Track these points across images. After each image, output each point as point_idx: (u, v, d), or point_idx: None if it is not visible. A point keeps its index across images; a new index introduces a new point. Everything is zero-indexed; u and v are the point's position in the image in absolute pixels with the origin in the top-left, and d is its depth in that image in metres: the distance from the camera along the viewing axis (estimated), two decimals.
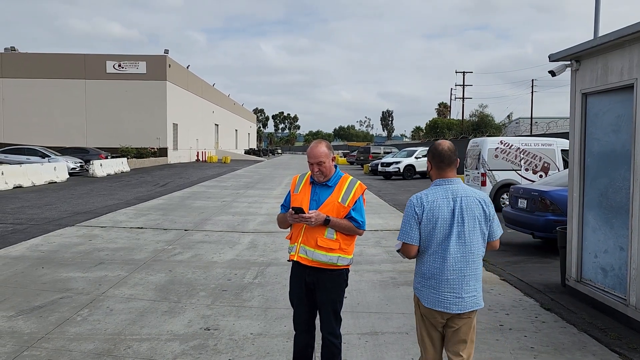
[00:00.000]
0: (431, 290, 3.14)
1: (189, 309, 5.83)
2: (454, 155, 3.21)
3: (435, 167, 3.22)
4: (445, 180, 3.19)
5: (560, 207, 8.46)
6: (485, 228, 3.19)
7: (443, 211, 3.10)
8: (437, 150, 3.21)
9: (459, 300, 3.10)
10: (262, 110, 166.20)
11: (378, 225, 12.21)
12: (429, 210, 3.10)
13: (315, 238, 3.58)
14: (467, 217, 3.11)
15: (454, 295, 3.10)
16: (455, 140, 39.54)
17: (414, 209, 3.13)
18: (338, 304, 3.80)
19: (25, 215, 13.22)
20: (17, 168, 21.93)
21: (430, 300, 3.14)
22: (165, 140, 45.48)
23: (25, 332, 5.03)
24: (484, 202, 3.19)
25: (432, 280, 3.13)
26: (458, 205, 3.11)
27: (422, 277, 3.19)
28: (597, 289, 5.92)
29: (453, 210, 3.11)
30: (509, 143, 15.48)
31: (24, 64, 44.19)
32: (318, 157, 3.62)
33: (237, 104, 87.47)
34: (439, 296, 3.11)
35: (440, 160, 3.19)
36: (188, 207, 15.38)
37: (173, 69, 47.23)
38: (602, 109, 5.92)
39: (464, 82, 60.86)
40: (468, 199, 3.14)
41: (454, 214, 3.10)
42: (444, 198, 3.12)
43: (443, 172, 3.20)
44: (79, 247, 9.15)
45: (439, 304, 3.11)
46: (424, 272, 3.17)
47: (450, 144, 3.28)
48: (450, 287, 3.10)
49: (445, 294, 3.10)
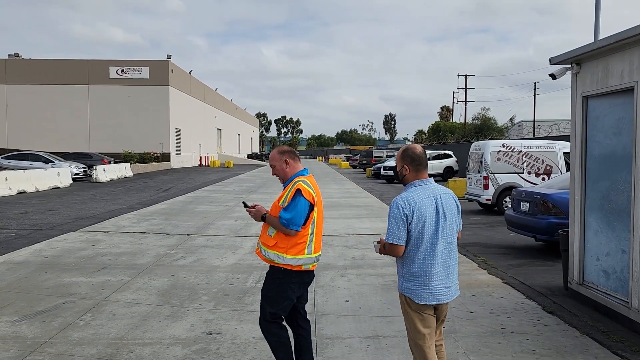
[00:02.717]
0: (423, 287, 3.28)
1: (191, 313, 5.85)
2: (426, 158, 3.46)
3: (414, 169, 3.39)
4: (423, 180, 3.38)
5: (563, 210, 8.45)
6: (458, 221, 3.47)
7: (429, 209, 3.28)
8: (415, 154, 3.41)
9: (447, 290, 3.34)
10: (265, 114, 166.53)
11: (380, 228, 12.20)
12: (418, 210, 3.25)
13: (263, 235, 3.89)
14: (448, 212, 3.35)
15: (443, 286, 3.31)
16: (458, 144, 39.53)
17: (402, 211, 3.25)
18: (264, 297, 3.88)
19: (29, 220, 13.27)
20: (20, 174, 22.02)
21: (424, 296, 3.29)
22: (168, 145, 45.61)
23: (28, 337, 5.05)
24: (455, 197, 3.48)
25: (424, 277, 3.28)
26: (440, 203, 3.33)
27: (412, 276, 3.30)
28: (600, 292, 5.91)
29: (436, 207, 3.31)
30: (511, 146, 15.47)
31: (27, 70, 44.45)
32: (270, 161, 4.01)
33: (240, 108, 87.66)
34: (431, 290, 3.28)
35: (418, 163, 3.39)
36: (190, 211, 15.42)
37: (176, 74, 47.41)
38: (603, 112, 5.93)
39: (466, 85, 60.89)
40: (445, 196, 3.38)
41: (437, 211, 3.31)
42: (427, 197, 3.31)
43: (420, 174, 3.40)
44: (82, 252, 9.19)
45: (432, 298, 3.29)
46: (415, 270, 3.29)
47: (422, 147, 3.50)
48: (440, 279, 3.30)
49: (437, 287, 3.29)
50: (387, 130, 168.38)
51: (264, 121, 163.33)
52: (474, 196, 16.07)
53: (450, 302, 3.43)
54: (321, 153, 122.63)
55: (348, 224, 12.89)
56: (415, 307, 3.33)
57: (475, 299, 6.39)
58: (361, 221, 13.46)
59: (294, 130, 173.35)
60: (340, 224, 12.83)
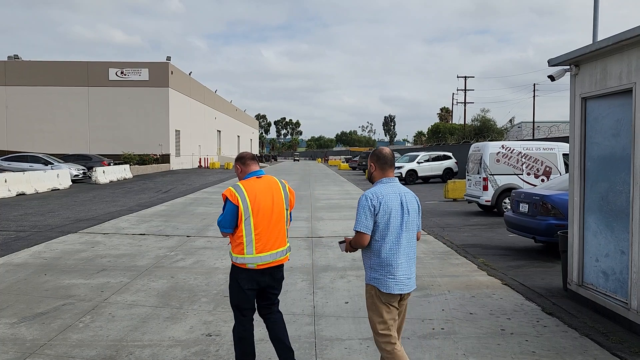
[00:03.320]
0: (389, 276, 3.55)
1: (190, 315, 5.85)
2: (393, 159, 3.77)
3: (380, 168, 3.72)
4: (389, 179, 3.71)
5: (562, 211, 8.46)
6: (418, 220, 3.75)
7: (395, 204, 3.59)
8: (381, 154, 3.75)
9: (409, 281, 3.63)
10: (265, 116, 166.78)
11: None
12: (385, 203, 3.55)
13: None
14: (411, 209, 3.65)
15: (406, 277, 3.59)
16: (458, 145, 39.55)
17: (370, 202, 3.55)
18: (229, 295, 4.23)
19: (28, 222, 13.27)
20: (20, 175, 22.02)
21: (390, 285, 3.54)
22: (167, 146, 45.62)
23: (27, 339, 5.05)
24: (416, 198, 3.79)
25: (390, 267, 3.55)
26: (404, 200, 3.64)
27: (379, 266, 3.57)
28: (599, 293, 5.92)
29: (401, 203, 3.61)
30: (511, 147, 15.49)
31: (27, 71, 44.47)
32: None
33: (239, 110, 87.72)
34: (396, 280, 3.55)
35: (384, 162, 3.72)
36: (190, 213, 15.42)
37: (175, 76, 47.44)
38: (602, 113, 5.94)
39: (465, 86, 60.94)
40: (408, 195, 3.70)
41: (402, 206, 3.61)
42: (393, 193, 3.62)
43: (386, 172, 3.72)
44: (82, 254, 9.18)
45: (397, 288, 3.55)
46: (381, 261, 3.56)
47: (390, 149, 3.83)
48: (403, 270, 3.57)
49: (401, 277, 3.57)
50: (386, 132, 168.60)
51: (264, 122, 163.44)
52: (473, 197, 16.07)
53: (450, 303, 3.50)
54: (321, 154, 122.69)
55: (348, 225, 12.89)
56: (384, 298, 3.57)
57: (474, 300, 6.39)
58: None
59: (294, 131, 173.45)
60: (339, 226, 12.84)
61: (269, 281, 4.08)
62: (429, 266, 8.33)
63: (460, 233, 11.96)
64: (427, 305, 6.18)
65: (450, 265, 8.43)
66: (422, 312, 5.94)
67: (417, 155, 31.32)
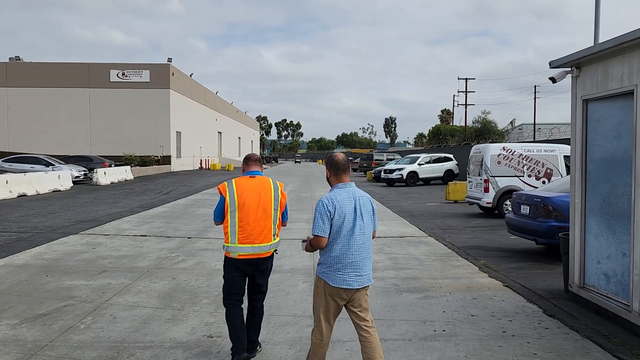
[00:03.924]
0: (337, 272, 3.84)
1: (192, 316, 5.85)
2: (347, 164, 4.00)
3: (334, 174, 3.99)
4: (345, 184, 3.96)
5: (563, 213, 8.45)
6: (373, 220, 4.01)
7: (349, 208, 3.86)
8: (334, 161, 4.00)
9: (359, 278, 3.87)
10: (265, 117, 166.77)
11: (381, 232, 12.21)
12: (339, 208, 3.83)
13: None
14: (365, 212, 3.92)
15: (355, 274, 3.86)
16: (459, 147, 39.55)
17: (326, 208, 3.83)
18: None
19: (30, 223, 13.28)
20: (21, 177, 22.04)
21: (337, 280, 3.84)
22: (168, 148, 45.65)
23: (29, 340, 5.05)
24: (371, 200, 4.06)
25: (339, 264, 3.84)
26: (358, 203, 3.90)
27: (329, 262, 3.87)
28: (600, 295, 5.91)
29: (355, 207, 3.88)
30: (512, 149, 15.48)
31: (28, 73, 44.54)
32: None
33: (240, 111, 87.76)
34: (344, 276, 3.84)
35: (337, 168, 3.97)
36: (191, 214, 15.42)
37: (176, 77, 47.49)
38: (603, 115, 5.94)
39: (466, 88, 60.95)
40: (363, 199, 3.96)
41: (356, 210, 3.88)
42: (347, 198, 3.89)
43: (340, 178, 3.98)
44: (83, 255, 9.19)
45: (343, 283, 3.84)
46: (332, 258, 3.85)
47: (344, 155, 4.06)
48: (353, 268, 3.85)
49: (350, 273, 3.84)
50: (387, 134, 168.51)
51: (265, 124, 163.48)
52: (474, 199, 16.07)
53: (451, 305, 3.52)
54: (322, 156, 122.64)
55: None
56: (329, 291, 3.88)
57: (476, 302, 6.39)
58: None
59: (295, 133, 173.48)
60: None
61: (253, 271, 4.53)
62: (430, 268, 8.33)
63: (461, 235, 11.95)
64: (428, 307, 6.17)
65: (452, 267, 8.43)
66: (424, 313, 5.94)
67: (418, 157, 31.32)
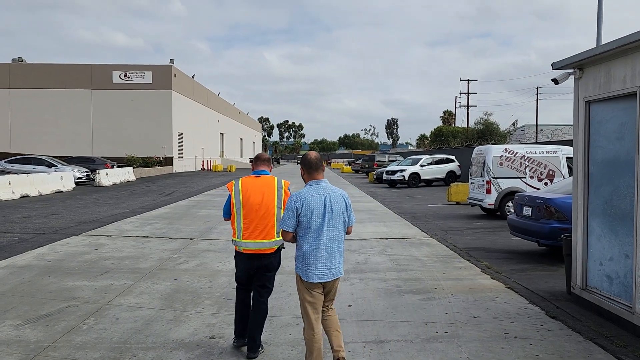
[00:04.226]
0: (309, 267, 4.04)
1: (194, 317, 5.86)
2: (319, 163, 4.19)
3: (307, 172, 4.18)
4: (317, 181, 4.14)
5: (566, 214, 8.44)
6: (346, 216, 4.18)
7: (317, 204, 4.03)
8: (306, 159, 4.19)
9: (329, 271, 4.07)
10: (267, 119, 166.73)
11: (383, 233, 12.21)
12: (307, 205, 4.01)
13: None
14: (335, 208, 4.08)
15: (325, 268, 4.05)
16: (461, 148, 39.52)
17: (294, 204, 4.04)
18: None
19: (32, 224, 13.30)
20: (24, 177, 22.09)
21: (309, 275, 4.04)
22: (170, 149, 45.70)
23: (31, 341, 5.06)
24: (345, 197, 4.22)
25: (310, 259, 4.03)
26: (328, 200, 4.07)
27: (302, 258, 4.08)
28: (603, 297, 5.90)
29: (325, 203, 4.05)
30: (514, 151, 15.47)
31: (31, 74, 44.65)
32: None
33: (242, 112, 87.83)
34: (315, 271, 4.03)
35: (309, 167, 4.16)
36: (193, 216, 15.44)
37: (178, 79, 47.56)
38: (606, 117, 5.93)
39: (468, 89, 60.89)
40: (334, 195, 4.12)
41: (325, 206, 4.05)
42: (317, 194, 4.07)
43: (313, 175, 4.17)
44: (85, 256, 9.21)
45: (315, 277, 4.04)
46: (303, 254, 4.06)
47: (316, 154, 4.28)
48: (323, 262, 4.04)
49: (320, 268, 4.04)
50: (389, 135, 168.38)
51: (267, 125, 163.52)
52: (476, 201, 16.05)
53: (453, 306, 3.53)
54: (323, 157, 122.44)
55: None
56: (305, 285, 4.09)
57: (478, 304, 6.38)
58: (364, 226, 13.46)
59: (297, 134, 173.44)
60: None
61: (258, 265, 4.74)
62: (432, 269, 8.32)
63: (463, 236, 11.94)
64: (430, 309, 6.17)
65: (454, 269, 8.42)
66: (426, 315, 5.94)
67: (420, 159, 31.30)
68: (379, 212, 17.04)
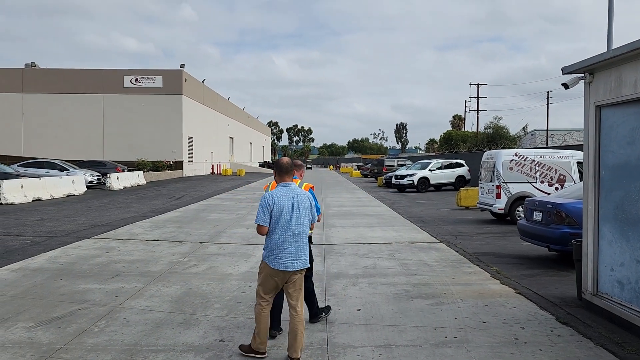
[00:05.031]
0: (275, 257, 4.67)
1: (204, 320, 5.89)
2: (290, 167, 4.85)
3: (278, 175, 4.84)
4: (286, 183, 4.80)
5: (576, 219, 8.39)
6: (310, 215, 4.83)
7: (287, 203, 4.67)
8: (278, 164, 4.86)
9: (295, 262, 4.69)
10: (277, 123, 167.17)
11: (392, 237, 12.19)
12: (277, 203, 4.65)
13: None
14: (302, 207, 4.73)
15: (291, 259, 4.67)
16: (470, 153, 39.35)
17: (267, 202, 4.67)
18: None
19: (44, 227, 13.45)
20: (36, 181, 22.32)
21: (276, 263, 4.66)
22: (180, 153, 45.98)
23: (44, 343, 5.12)
24: (310, 198, 4.86)
25: (278, 250, 4.66)
26: (296, 200, 4.71)
27: (270, 248, 4.70)
28: (614, 303, 5.86)
29: (293, 202, 4.69)
30: (524, 155, 15.39)
31: (44, 79, 45.18)
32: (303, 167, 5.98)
33: (252, 117, 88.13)
34: (281, 260, 4.65)
35: (280, 170, 4.82)
36: (203, 219, 15.52)
37: (189, 83, 47.87)
38: (617, 122, 5.91)
39: (478, 94, 60.71)
40: (301, 196, 4.76)
41: (293, 205, 4.69)
42: (286, 195, 4.71)
43: (283, 178, 4.82)
44: (97, 259, 9.29)
45: (281, 266, 4.66)
46: (272, 245, 4.68)
47: (288, 160, 4.93)
48: (289, 253, 4.66)
49: (286, 258, 4.66)
50: (398, 139, 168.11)
51: (276, 130, 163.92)
52: (486, 205, 15.98)
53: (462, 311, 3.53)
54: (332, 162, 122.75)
55: (359, 232, 12.90)
56: (270, 272, 4.71)
57: (488, 309, 6.36)
58: (373, 230, 13.45)
59: (306, 138, 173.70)
60: (351, 233, 12.83)
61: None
62: (441, 274, 8.30)
63: (472, 241, 11.90)
64: (439, 314, 6.16)
65: (463, 274, 8.39)
66: (435, 320, 5.92)
67: (429, 163, 31.20)
68: (388, 216, 17.02)
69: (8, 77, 44.75)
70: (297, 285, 4.79)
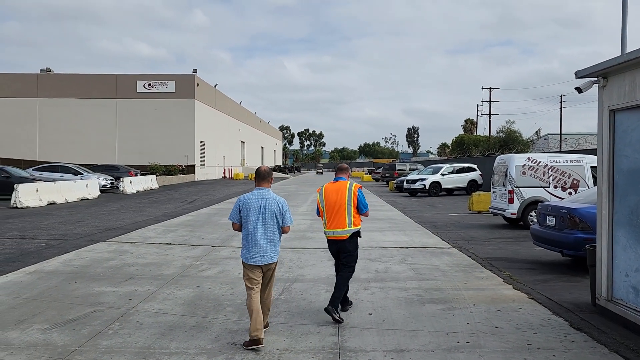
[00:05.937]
0: (247, 252, 5.35)
1: (216, 323, 5.93)
2: (267, 175, 5.53)
3: (256, 180, 5.54)
4: (260, 188, 5.46)
5: (590, 224, 8.31)
6: (279, 218, 5.41)
7: (255, 205, 5.35)
8: (258, 171, 5.56)
9: (262, 257, 5.33)
10: (288, 127, 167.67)
11: (403, 242, 12.16)
12: (246, 205, 5.37)
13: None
14: (268, 210, 5.36)
15: (259, 254, 5.31)
16: (482, 157, 39.13)
17: (238, 203, 5.42)
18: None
19: (59, 231, 13.61)
20: (51, 185, 22.61)
21: (247, 258, 5.35)
22: (192, 157, 46.28)
23: (59, 345, 5.19)
24: (280, 203, 5.45)
25: (248, 247, 5.34)
26: (263, 203, 5.36)
27: (244, 245, 5.39)
28: (629, 309, 5.79)
29: (260, 205, 5.34)
30: (537, 159, 15.27)
31: (58, 84, 45.80)
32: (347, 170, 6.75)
33: (263, 121, 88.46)
34: (252, 255, 5.33)
35: (258, 176, 5.52)
36: (215, 223, 15.60)
37: (201, 88, 48.22)
38: (631, 126, 5.86)
39: (490, 98, 60.38)
40: (269, 200, 5.38)
41: (260, 207, 5.34)
42: (256, 198, 5.39)
43: (259, 183, 5.50)
44: (110, 262, 9.38)
45: (252, 260, 5.32)
46: (244, 242, 5.38)
47: (266, 168, 5.66)
48: (257, 249, 5.31)
49: (255, 254, 5.31)
50: (410, 144, 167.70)
51: (287, 134, 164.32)
52: (498, 210, 15.87)
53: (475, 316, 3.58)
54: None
55: (371, 237, 12.87)
56: (246, 267, 5.38)
57: (500, 314, 6.32)
58: (384, 234, 13.43)
59: (317, 143, 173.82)
60: (363, 237, 12.79)
61: (336, 248, 6.37)
62: (454, 279, 8.26)
63: (485, 246, 11.82)
64: (451, 319, 6.13)
65: (475, 279, 8.35)
66: (447, 325, 5.90)
67: (441, 167, 31.08)
68: (399, 220, 16.97)
69: (24, 82, 45.45)
70: (267, 279, 5.53)
